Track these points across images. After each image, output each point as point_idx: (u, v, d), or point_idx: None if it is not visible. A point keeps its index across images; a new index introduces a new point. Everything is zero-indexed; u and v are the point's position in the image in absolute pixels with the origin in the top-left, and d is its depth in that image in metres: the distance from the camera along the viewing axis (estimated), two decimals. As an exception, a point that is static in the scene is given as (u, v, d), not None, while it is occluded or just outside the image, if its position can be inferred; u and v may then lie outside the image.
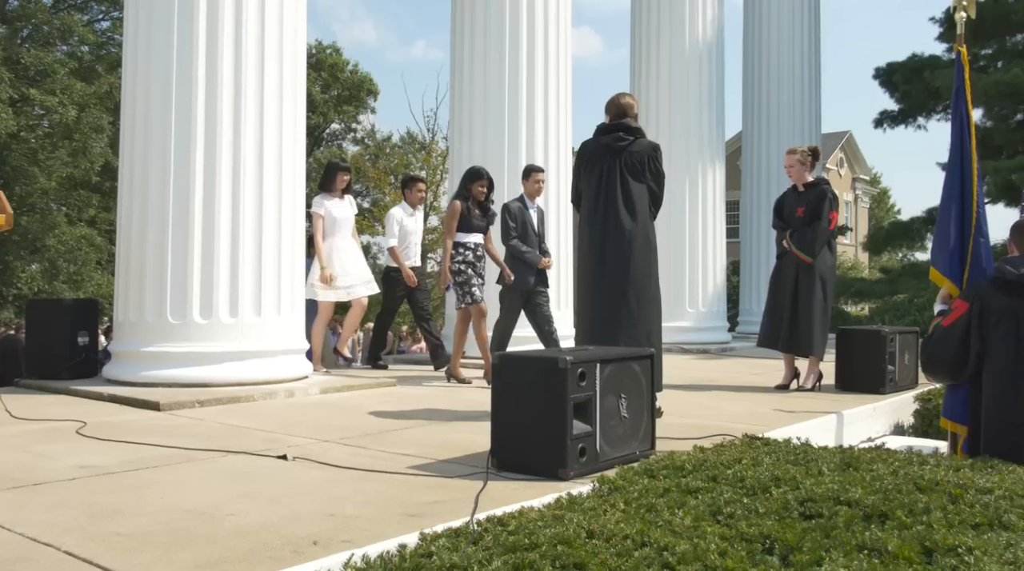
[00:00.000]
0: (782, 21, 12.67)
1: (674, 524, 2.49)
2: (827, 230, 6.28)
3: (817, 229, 6.27)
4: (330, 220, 7.15)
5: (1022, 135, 15.53)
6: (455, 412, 5.02)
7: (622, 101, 5.02)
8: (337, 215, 7.17)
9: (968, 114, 4.48)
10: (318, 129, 35.92)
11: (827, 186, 6.48)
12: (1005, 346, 3.85)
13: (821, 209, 6.29)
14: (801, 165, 6.45)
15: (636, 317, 4.73)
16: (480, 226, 6.53)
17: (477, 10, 7.96)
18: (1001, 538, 2.45)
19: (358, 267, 7.29)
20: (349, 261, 7.20)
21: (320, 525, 2.57)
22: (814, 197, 6.35)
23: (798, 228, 6.37)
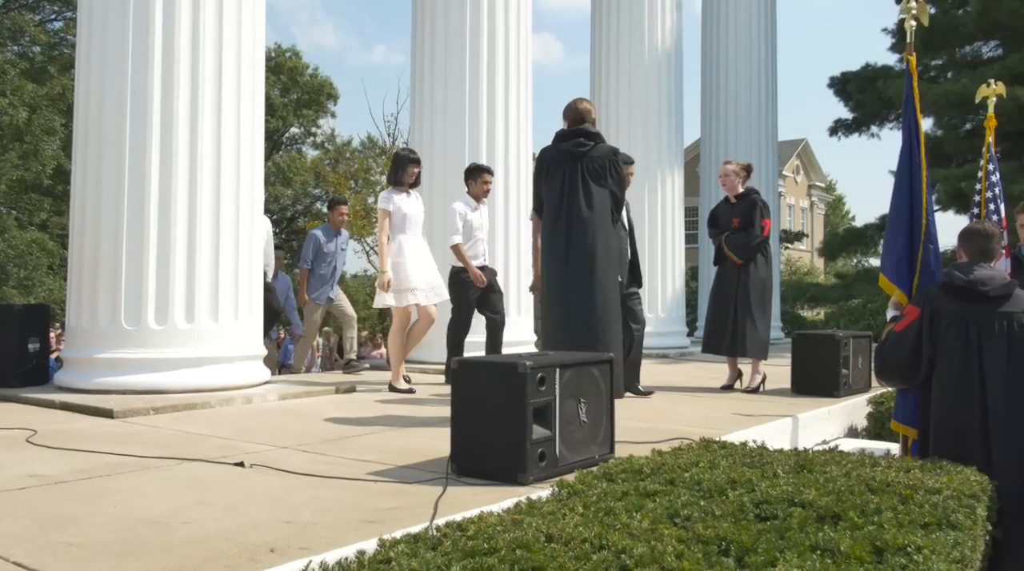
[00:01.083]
0: (739, 30, 12.85)
1: (632, 527, 2.51)
2: (760, 236, 6.58)
3: (751, 234, 6.54)
4: (399, 217, 6.25)
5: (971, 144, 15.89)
6: (415, 418, 5.01)
7: (580, 106, 5.06)
8: (407, 211, 6.30)
9: (917, 122, 4.59)
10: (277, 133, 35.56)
11: (757, 196, 6.78)
12: (954, 350, 3.94)
13: (754, 217, 6.56)
14: (736, 176, 6.76)
15: (600, 321, 4.77)
16: None
17: (438, 16, 7.96)
18: (949, 537, 2.52)
19: (428, 271, 6.38)
20: (420, 262, 6.33)
21: (277, 532, 2.55)
22: (746, 206, 6.67)
23: None
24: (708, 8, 13.19)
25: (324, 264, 8.17)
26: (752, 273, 6.59)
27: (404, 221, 6.25)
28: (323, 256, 8.14)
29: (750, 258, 6.57)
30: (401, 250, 6.17)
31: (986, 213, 5.76)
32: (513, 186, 7.93)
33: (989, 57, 17.39)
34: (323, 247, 8.17)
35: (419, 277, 6.18)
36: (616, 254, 5.06)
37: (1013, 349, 3.86)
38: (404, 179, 6.33)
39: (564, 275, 4.80)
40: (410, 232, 6.30)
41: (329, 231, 8.26)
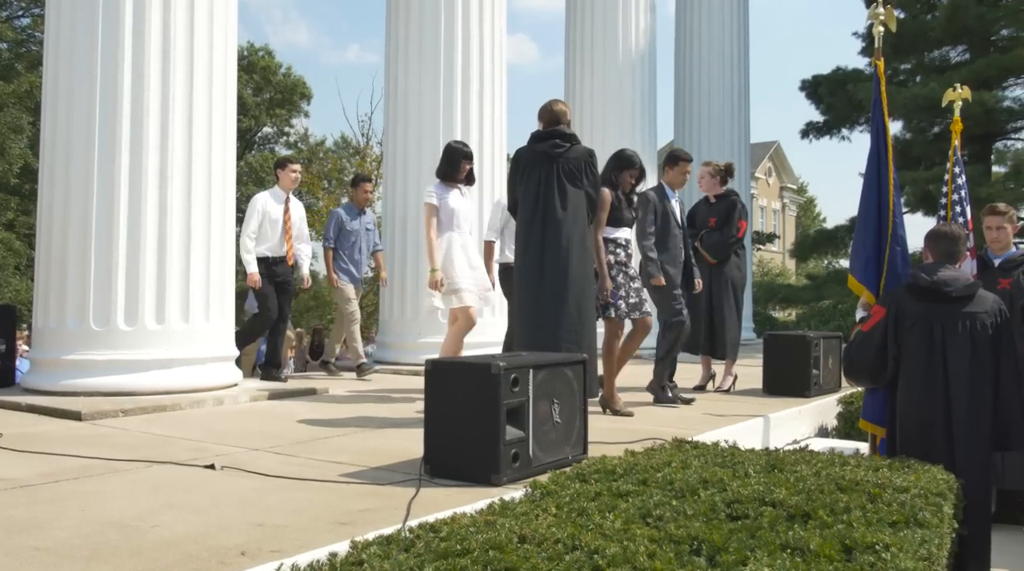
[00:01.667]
0: (712, 33, 12.95)
1: (605, 527, 2.52)
2: (734, 236, 6.65)
3: (726, 234, 6.59)
4: (446, 212, 5.74)
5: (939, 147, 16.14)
6: (388, 419, 4.99)
7: (555, 108, 5.07)
8: (455, 207, 5.77)
9: (885, 125, 4.65)
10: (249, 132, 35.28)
11: (736, 197, 6.85)
12: (918, 350, 4.00)
13: (732, 217, 6.62)
14: (712, 177, 6.80)
15: (575, 322, 4.78)
16: (630, 220, 5.55)
17: (412, 16, 7.94)
18: (916, 535, 2.55)
19: (478, 272, 5.88)
20: (469, 262, 5.83)
21: (248, 535, 2.53)
22: (725, 207, 6.73)
23: None
24: (681, 10, 13.28)
25: (348, 243, 7.58)
26: (725, 273, 6.66)
27: (452, 217, 5.76)
28: (346, 235, 7.57)
29: (724, 258, 6.65)
30: (448, 250, 5.70)
31: (952, 215, 5.84)
32: (488, 186, 7.93)
33: (957, 61, 17.67)
34: (346, 225, 7.59)
35: (467, 278, 5.72)
36: (592, 255, 5.08)
37: (976, 349, 3.93)
38: (455, 175, 5.86)
39: (538, 276, 4.81)
40: (458, 230, 5.79)
41: (352, 209, 7.66)
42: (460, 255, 5.70)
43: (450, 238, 5.71)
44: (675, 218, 5.93)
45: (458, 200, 5.82)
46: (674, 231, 5.93)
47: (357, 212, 7.67)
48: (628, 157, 5.49)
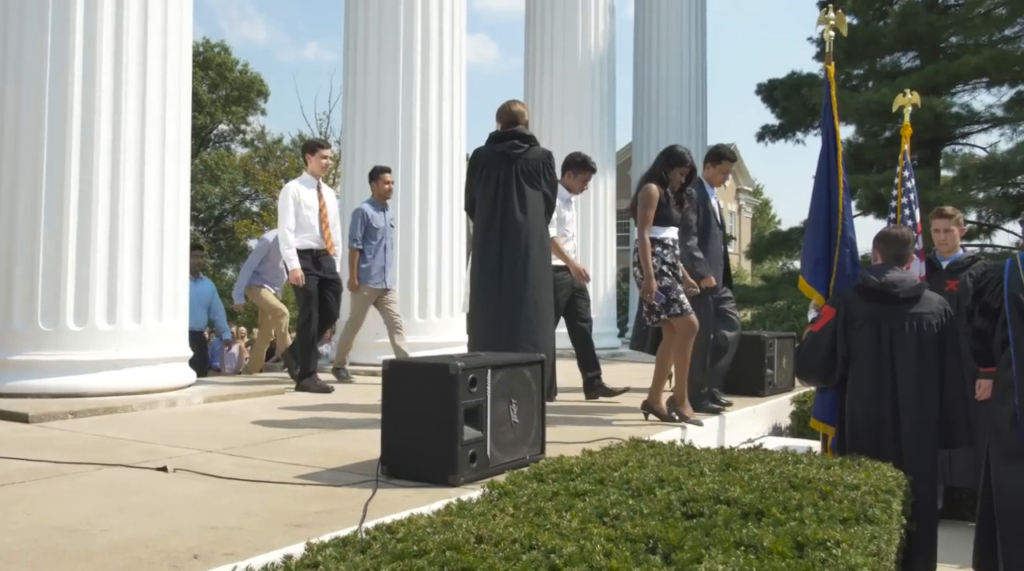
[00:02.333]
0: (671, 36, 13.07)
1: (561, 527, 2.53)
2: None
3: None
4: None
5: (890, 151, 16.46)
6: (345, 420, 4.95)
7: (513, 108, 5.08)
8: None
9: (835, 129, 4.73)
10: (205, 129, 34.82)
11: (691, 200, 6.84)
12: (867, 350, 4.08)
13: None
14: None
15: (533, 322, 4.79)
16: (678, 219, 5.14)
17: (371, 14, 7.89)
18: (866, 531, 2.60)
19: None
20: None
21: (201, 538, 2.49)
22: None
23: None
24: (640, 14, 13.39)
25: (374, 242, 6.90)
26: None
27: None
28: (372, 233, 6.89)
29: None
30: None
31: (902, 218, 5.97)
32: (447, 186, 7.91)
33: (907, 67, 18.04)
34: (371, 222, 6.89)
35: None
36: (549, 255, 5.09)
37: (922, 349, 4.02)
38: None
39: (497, 276, 4.81)
40: None
41: (376, 203, 7.02)
42: None
43: None
44: (715, 217, 5.69)
45: None
46: (715, 231, 5.64)
47: (380, 206, 7.03)
48: (680, 154, 5.06)
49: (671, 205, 4.97)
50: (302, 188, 6.55)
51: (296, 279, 6.28)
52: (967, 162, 17.14)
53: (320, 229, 6.48)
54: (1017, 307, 3.51)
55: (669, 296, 4.82)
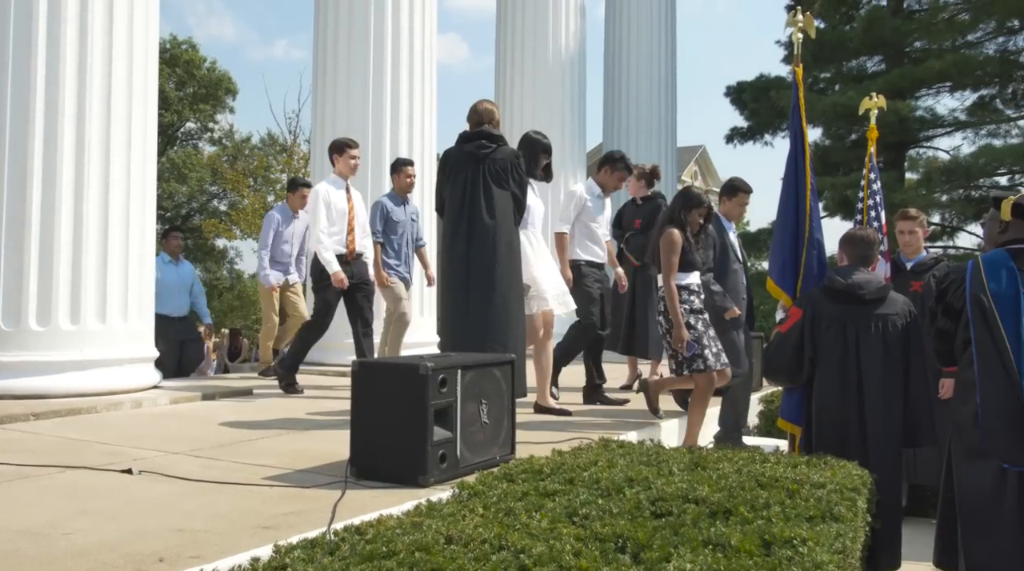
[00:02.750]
0: (641, 38, 13.14)
1: (531, 527, 2.53)
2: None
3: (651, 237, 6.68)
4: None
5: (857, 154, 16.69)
6: (313, 421, 4.92)
7: (480, 107, 5.08)
8: (529, 203, 5.29)
9: (803, 131, 4.78)
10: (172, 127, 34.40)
11: (662, 200, 6.95)
12: (834, 351, 4.13)
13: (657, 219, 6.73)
14: (637, 180, 6.88)
15: (501, 322, 4.79)
16: (700, 263, 4.92)
17: (341, 13, 7.85)
18: (832, 529, 2.63)
19: (555, 274, 5.48)
20: (546, 264, 5.44)
21: (167, 541, 2.46)
22: (650, 209, 6.82)
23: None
24: (611, 15, 13.45)
25: (395, 236, 6.68)
26: (650, 274, 6.71)
27: (528, 215, 5.31)
28: (393, 226, 6.67)
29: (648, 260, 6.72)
30: (525, 250, 5.24)
31: (868, 220, 6.05)
32: (418, 186, 7.87)
33: (873, 71, 18.31)
34: (391, 214, 6.67)
35: (548, 282, 5.33)
36: (519, 256, 5.09)
37: (888, 349, 4.08)
38: (533, 169, 5.39)
39: (464, 276, 4.80)
40: (530, 229, 5.41)
41: (396, 197, 6.77)
42: (535, 257, 5.33)
43: (522, 237, 5.24)
44: (734, 252, 5.55)
45: (531, 197, 5.34)
46: (733, 266, 5.50)
47: (401, 200, 6.80)
48: (696, 195, 4.93)
49: (693, 249, 4.84)
50: (332, 189, 6.28)
51: (339, 282, 6.05)
52: (931, 165, 17.44)
53: (346, 233, 6.26)
54: (979, 308, 3.57)
55: (695, 350, 4.71)
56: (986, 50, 17.52)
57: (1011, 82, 17.64)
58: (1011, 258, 3.58)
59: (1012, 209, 3.65)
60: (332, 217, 6.18)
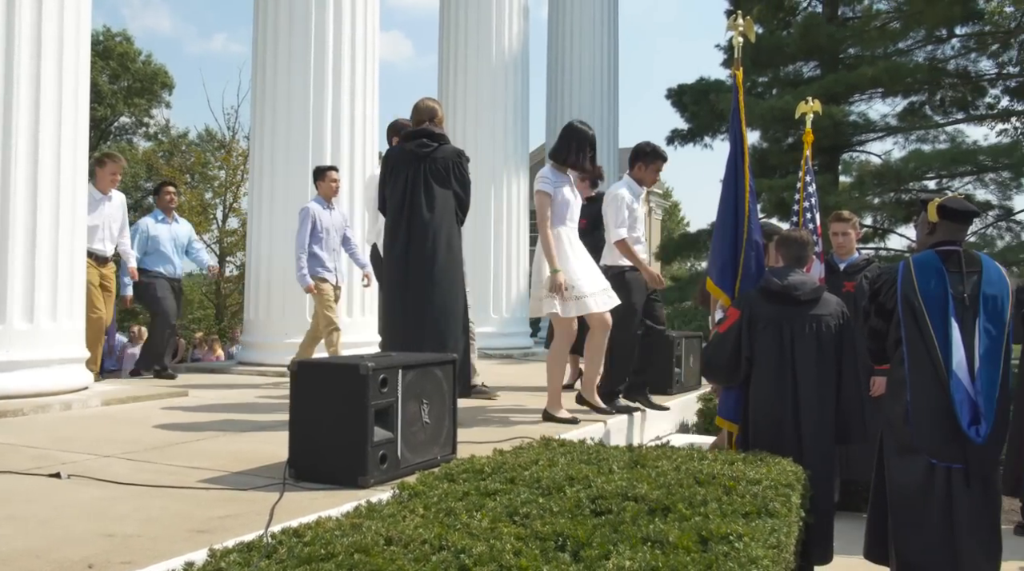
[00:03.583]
0: (584, 39, 13.23)
1: (472, 526, 2.53)
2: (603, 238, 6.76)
3: (596, 237, 6.74)
4: (561, 204, 5.08)
5: (793, 157, 17.05)
6: (251, 422, 4.83)
7: (423, 105, 5.05)
8: (569, 198, 5.12)
9: (742, 134, 4.87)
10: (105, 122, 33.47)
11: None
12: (770, 351, 4.22)
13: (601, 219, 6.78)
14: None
15: (441, 323, 4.77)
16: None
17: (281, 8, 7.72)
18: (767, 524, 2.69)
19: (595, 271, 5.22)
20: (586, 261, 5.17)
21: (96, 547, 2.39)
22: (596, 209, 6.83)
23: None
24: (554, 16, 13.51)
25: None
26: None
27: (566, 210, 5.11)
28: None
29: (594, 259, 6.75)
30: (563, 247, 5.01)
31: (803, 221, 6.19)
32: (359, 184, 7.81)
33: (809, 76, 18.73)
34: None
35: (589, 280, 5.04)
36: (459, 255, 5.08)
37: (821, 349, 4.18)
38: (578, 160, 5.19)
39: (404, 275, 4.77)
40: (571, 224, 5.16)
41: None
42: (576, 255, 5.08)
43: (561, 235, 5.04)
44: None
45: (570, 191, 5.18)
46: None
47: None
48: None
49: None
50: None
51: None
52: (863, 169, 17.92)
53: None
54: (909, 308, 3.67)
55: None
56: (916, 58, 18.08)
57: (939, 89, 18.23)
58: (940, 259, 3.69)
59: (938, 211, 3.77)
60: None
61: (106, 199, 6.89)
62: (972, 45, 18.04)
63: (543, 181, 5.07)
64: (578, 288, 4.94)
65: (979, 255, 3.78)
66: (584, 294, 4.94)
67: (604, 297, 5.04)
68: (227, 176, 26.45)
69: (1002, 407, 3.54)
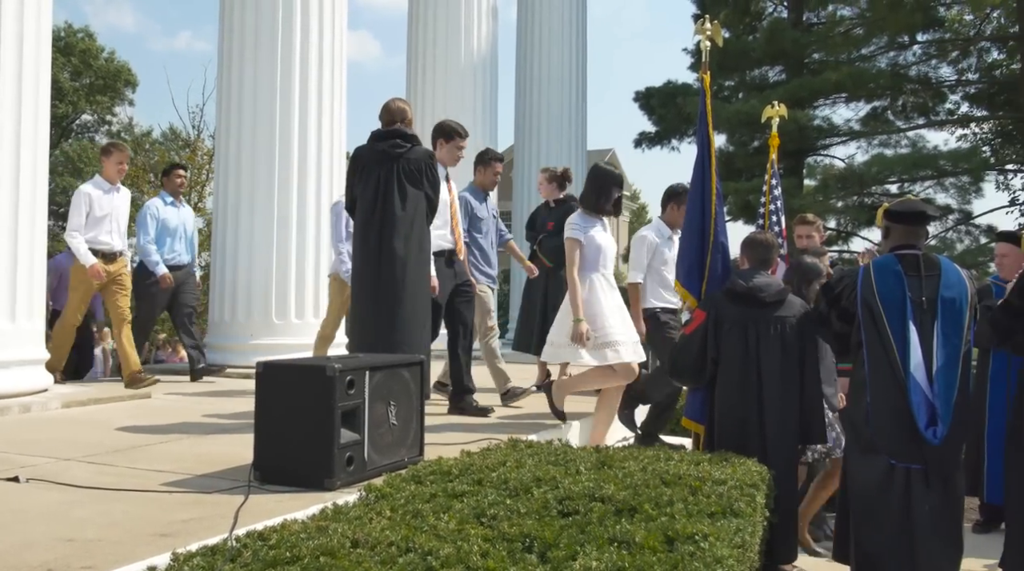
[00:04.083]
0: (552, 41, 13.27)
1: (439, 528, 2.52)
2: None
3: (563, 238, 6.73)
4: (593, 249, 4.94)
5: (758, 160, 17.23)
6: (215, 424, 4.78)
7: (393, 106, 5.03)
8: (601, 243, 4.97)
9: (709, 137, 4.91)
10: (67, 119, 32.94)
11: (574, 202, 6.96)
12: (735, 352, 4.26)
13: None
14: (549, 182, 6.95)
15: (410, 324, 4.75)
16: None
17: (248, 5, 7.64)
18: (732, 524, 2.71)
19: (627, 320, 5.01)
20: (618, 309, 4.97)
21: (56, 552, 2.35)
22: (563, 212, 6.84)
23: None
24: (523, 18, 13.53)
25: (480, 236, 6.19)
26: (561, 276, 6.75)
27: (598, 255, 4.97)
28: (477, 224, 6.17)
29: (561, 262, 6.74)
30: (595, 294, 4.88)
31: (769, 224, 6.26)
32: (326, 184, 7.76)
33: (775, 81, 18.95)
34: (476, 211, 6.18)
35: (621, 329, 4.88)
36: (429, 257, 5.06)
37: (786, 350, 4.22)
38: (604, 204, 5.06)
39: (375, 275, 4.75)
40: (604, 270, 5.02)
41: (478, 192, 6.35)
42: (608, 302, 4.91)
43: (594, 282, 4.92)
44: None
45: (603, 235, 5.04)
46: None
47: (483, 195, 6.37)
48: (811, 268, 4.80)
49: None
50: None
51: (433, 290, 5.29)
52: (827, 172, 18.18)
53: (451, 226, 5.67)
54: (868, 311, 3.72)
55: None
56: (879, 64, 18.39)
57: (901, 95, 18.56)
58: (898, 263, 3.75)
59: (884, 215, 3.83)
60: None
61: (114, 190, 6.61)
62: (933, 52, 18.40)
63: (573, 228, 4.97)
64: (611, 335, 4.80)
65: (939, 258, 3.84)
66: (617, 341, 4.81)
67: (635, 348, 4.93)
68: (191, 175, 26.12)
69: (960, 409, 3.60)
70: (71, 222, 6.38)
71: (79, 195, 6.46)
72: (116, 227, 6.56)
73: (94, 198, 6.44)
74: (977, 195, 17.80)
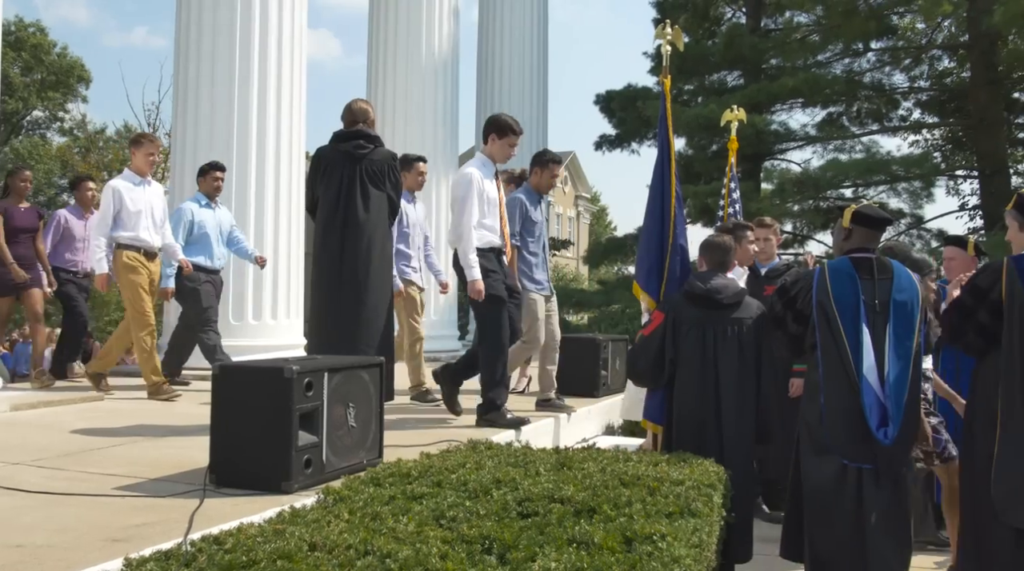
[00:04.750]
0: (513, 43, 13.31)
1: (398, 531, 2.51)
2: None
3: None
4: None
5: (717, 164, 17.43)
6: (169, 427, 4.70)
7: (355, 106, 5.01)
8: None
9: (669, 141, 4.95)
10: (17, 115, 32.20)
11: None
12: (693, 353, 4.30)
13: None
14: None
15: (372, 325, 4.73)
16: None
17: (206, 1, 7.55)
18: (689, 524, 2.74)
19: None
20: None
21: (4, 558, 2.30)
22: None
23: None
24: (484, 19, 13.55)
25: (532, 240, 6.01)
26: None
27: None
28: (530, 227, 6.01)
29: None
30: None
31: (727, 227, 6.32)
32: (284, 184, 7.69)
33: (733, 86, 19.20)
34: (530, 214, 6.04)
35: None
36: (391, 258, 5.04)
37: (742, 352, 4.27)
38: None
39: (337, 278, 4.72)
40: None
41: (532, 195, 6.16)
42: None
43: None
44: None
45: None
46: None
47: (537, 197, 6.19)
48: None
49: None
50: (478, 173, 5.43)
51: (478, 293, 5.03)
52: (784, 177, 18.44)
53: (500, 226, 5.38)
54: (823, 313, 3.78)
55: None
56: (834, 70, 18.74)
57: (856, 101, 18.94)
58: (853, 266, 3.81)
59: (853, 217, 3.89)
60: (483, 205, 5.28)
61: (146, 182, 6.21)
62: (886, 59, 18.80)
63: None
64: None
65: (891, 262, 3.91)
66: None
67: None
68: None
69: (911, 410, 3.68)
70: (98, 226, 6.02)
71: (108, 191, 6.00)
72: (152, 223, 6.14)
73: (124, 193, 5.99)
74: (928, 200, 18.26)
